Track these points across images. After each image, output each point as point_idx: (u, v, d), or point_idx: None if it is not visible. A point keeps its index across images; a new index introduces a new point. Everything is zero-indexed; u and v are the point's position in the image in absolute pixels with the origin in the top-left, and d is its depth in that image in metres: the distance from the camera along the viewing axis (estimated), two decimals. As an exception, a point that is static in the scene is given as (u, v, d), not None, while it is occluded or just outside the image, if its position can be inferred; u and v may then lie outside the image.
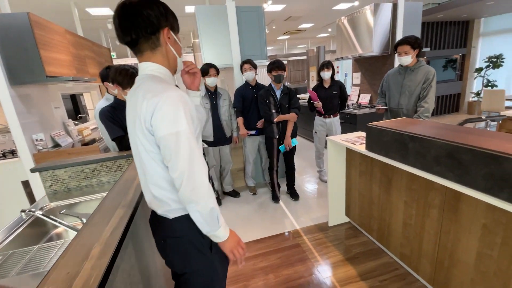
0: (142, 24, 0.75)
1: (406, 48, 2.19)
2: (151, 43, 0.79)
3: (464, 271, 1.34)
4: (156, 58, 0.82)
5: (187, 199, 0.78)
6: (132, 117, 0.81)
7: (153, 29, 0.77)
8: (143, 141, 0.79)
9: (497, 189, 0.99)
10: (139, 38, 0.77)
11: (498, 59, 5.65)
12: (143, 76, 0.82)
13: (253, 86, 2.83)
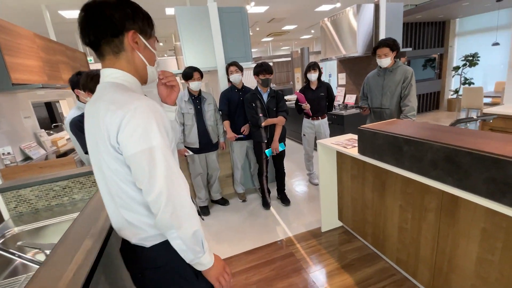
0: (102, 24, 0.67)
1: (386, 51, 2.22)
2: (114, 46, 0.70)
3: (464, 277, 1.30)
4: (120, 64, 0.72)
5: (166, 225, 0.67)
6: (93, 134, 0.70)
7: (114, 31, 0.68)
8: (109, 161, 0.68)
9: (500, 194, 0.94)
10: (99, 40, 0.68)
11: (474, 58, 5.87)
12: (104, 85, 0.71)
13: (240, 89, 2.74)
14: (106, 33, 0.67)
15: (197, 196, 2.82)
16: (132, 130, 0.63)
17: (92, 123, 0.70)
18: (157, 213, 0.66)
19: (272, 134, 2.57)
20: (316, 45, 11.10)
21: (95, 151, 0.71)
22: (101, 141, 0.67)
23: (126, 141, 0.64)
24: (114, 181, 0.70)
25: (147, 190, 0.66)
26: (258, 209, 2.80)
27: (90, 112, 0.71)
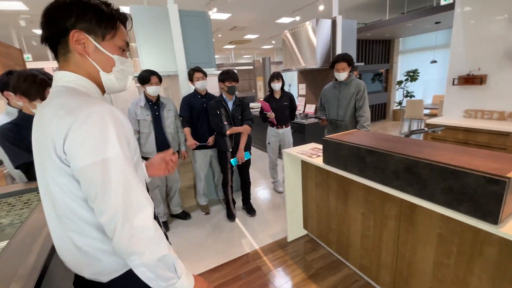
0: (47, 23, 0.61)
1: (344, 65, 2.36)
2: (61, 48, 0.63)
3: (423, 280, 1.36)
4: (69, 67, 0.65)
5: (125, 250, 0.57)
6: (38, 142, 0.62)
7: (56, 30, 0.61)
8: (55, 175, 0.59)
9: (456, 203, 1.00)
10: (47, 40, 0.63)
11: (414, 73, 6.62)
12: (55, 89, 0.64)
13: (203, 96, 2.61)
14: (50, 33, 0.62)
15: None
16: (82, 138, 0.55)
17: (38, 130, 0.61)
18: (113, 237, 0.57)
19: (237, 143, 2.49)
20: (276, 56, 11.44)
21: (40, 162, 0.62)
22: (46, 151, 0.58)
23: (75, 151, 0.55)
24: (61, 198, 0.60)
25: (100, 210, 0.57)
26: (222, 221, 2.67)
27: (37, 119, 0.63)
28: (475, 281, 1.11)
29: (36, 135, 0.63)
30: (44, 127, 0.58)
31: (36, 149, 0.64)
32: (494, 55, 2.72)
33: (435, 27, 5.65)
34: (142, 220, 0.58)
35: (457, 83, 3.04)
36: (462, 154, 1.09)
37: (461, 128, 2.75)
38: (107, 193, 0.55)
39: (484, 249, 1.06)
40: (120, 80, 0.71)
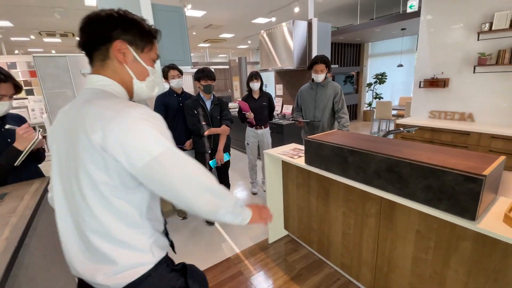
0: (91, 30, 0.67)
1: (322, 67, 2.40)
2: (100, 54, 0.68)
3: (402, 276, 1.41)
4: (105, 72, 0.69)
5: (214, 210, 0.69)
6: (71, 143, 0.63)
7: (100, 38, 0.67)
8: (91, 170, 0.60)
9: (436, 201, 1.04)
10: (87, 45, 0.68)
11: (383, 76, 7.00)
12: (94, 90, 0.68)
13: (179, 94, 2.49)
14: (93, 39, 0.67)
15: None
16: (138, 139, 0.59)
17: (70, 131, 0.63)
18: (199, 209, 0.67)
19: (216, 144, 2.41)
20: (252, 56, 11.44)
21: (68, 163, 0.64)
22: (86, 151, 0.60)
23: (135, 151, 0.59)
24: (94, 198, 0.62)
25: (178, 193, 0.64)
26: (201, 226, 2.57)
27: (69, 120, 0.65)
28: (451, 274, 1.17)
29: (63, 137, 0.65)
30: (83, 129, 0.59)
31: (63, 148, 0.65)
32: (455, 61, 2.95)
33: (401, 33, 6.02)
34: (211, 182, 0.68)
35: (423, 86, 3.25)
36: (439, 153, 1.14)
37: (428, 128, 2.93)
38: (182, 175, 0.63)
39: (460, 244, 1.11)
40: (149, 89, 0.77)
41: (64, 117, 0.68)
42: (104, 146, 0.58)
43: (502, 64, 2.53)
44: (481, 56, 2.64)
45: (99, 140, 0.58)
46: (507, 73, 2.58)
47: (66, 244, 0.69)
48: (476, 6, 2.66)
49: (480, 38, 2.67)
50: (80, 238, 0.65)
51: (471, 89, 2.87)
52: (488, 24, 2.54)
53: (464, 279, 1.12)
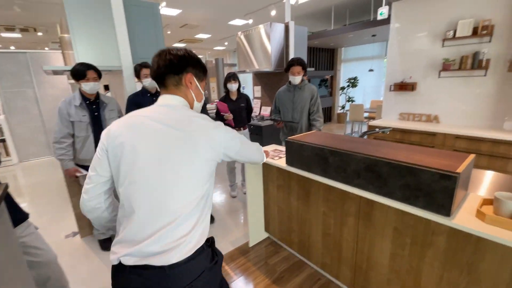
0: (173, 64, 0.88)
1: (299, 69, 2.42)
2: (174, 80, 0.90)
3: (380, 272, 1.44)
4: (178, 93, 0.91)
5: (260, 158, 1.27)
6: (168, 143, 0.81)
7: (178, 70, 0.89)
8: (200, 165, 0.83)
9: (413, 198, 1.07)
10: (165, 73, 0.88)
11: (355, 80, 7.31)
12: (180, 105, 0.91)
13: (153, 94, 2.37)
14: (172, 71, 0.88)
15: (94, 227, 2.24)
16: (230, 137, 0.93)
17: (183, 134, 0.82)
18: (256, 160, 1.23)
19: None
20: (229, 58, 11.37)
21: (166, 157, 0.80)
22: (189, 147, 0.81)
23: (232, 144, 0.93)
24: (184, 190, 0.80)
25: (255, 156, 1.19)
26: (177, 231, 2.46)
27: (181, 125, 0.84)
28: (427, 269, 1.21)
29: (174, 137, 0.81)
30: (199, 133, 0.84)
31: (159, 146, 0.80)
32: (422, 66, 3.14)
33: (371, 39, 6.33)
34: (259, 145, 1.27)
35: (393, 89, 3.42)
36: (415, 153, 1.18)
37: (398, 129, 3.09)
38: (251, 149, 1.12)
39: (434, 239, 1.16)
40: (200, 107, 1.01)
41: (175, 122, 0.84)
42: (212, 145, 0.85)
43: (464, 69, 2.74)
44: (445, 62, 2.84)
45: (213, 141, 0.86)
46: (468, 78, 2.80)
47: (149, 235, 0.77)
48: (441, 15, 2.86)
49: (444, 44, 2.87)
50: (170, 231, 0.78)
51: (437, 93, 3.08)
52: (452, 31, 2.74)
53: (439, 273, 1.17)
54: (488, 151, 2.46)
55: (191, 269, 0.80)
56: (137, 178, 0.79)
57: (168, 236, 0.77)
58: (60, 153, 1.94)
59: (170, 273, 0.76)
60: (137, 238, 0.77)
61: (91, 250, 2.22)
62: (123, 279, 0.79)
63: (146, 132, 0.81)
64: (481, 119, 2.81)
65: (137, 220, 0.78)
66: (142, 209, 0.78)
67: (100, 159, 0.83)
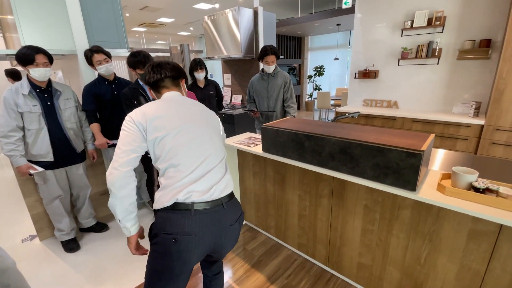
0: (177, 73, 1.16)
1: (273, 58, 2.41)
2: (176, 83, 1.17)
3: (353, 247, 1.55)
4: (178, 90, 1.17)
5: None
6: (205, 118, 1.12)
7: (180, 77, 1.18)
8: (219, 135, 1.16)
9: (383, 176, 1.15)
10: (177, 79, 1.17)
11: (321, 69, 7.52)
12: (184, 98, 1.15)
13: (112, 81, 2.18)
14: (177, 77, 1.16)
15: (56, 228, 2.05)
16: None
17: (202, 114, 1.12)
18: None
19: (163, 137, 2.21)
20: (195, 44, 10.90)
21: (206, 131, 1.08)
22: (214, 127, 1.14)
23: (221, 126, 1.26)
24: (221, 147, 1.12)
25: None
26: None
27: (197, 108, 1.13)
28: (394, 240, 1.33)
29: (199, 114, 1.10)
30: (209, 114, 1.16)
31: (203, 120, 1.09)
32: (382, 54, 3.33)
33: (336, 28, 6.52)
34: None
35: (357, 77, 3.59)
36: (383, 134, 1.26)
37: (363, 115, 3.27)
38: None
39: (400, 213, 1.27)
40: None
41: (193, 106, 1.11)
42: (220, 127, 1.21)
43: (420, 58, 2.96)
44: (403, 51, 3.04)
45: (218, 123, 1.21)
46: (423, 66, 3.04)
47: (220, 180, 1.04)
48: (400, 6, 3.03)
49: (403, 34, 3.06)
50: (226, 176, 1.08)
51: (396, 80, 3.30)
52: (410, 21, 2.93)
53: (405, 243, 1.28)
54: (440, 132, 2.73)
55: (237, 206, 1.08)
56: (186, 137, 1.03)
57: (217, 172, 1.03)
58: (9, 148, 1.72)
59: (226, 208, 1.00)
60: (191, 179, 0.96)
61: (53, 253, 2.04)
62: (189, 219, 0.92)
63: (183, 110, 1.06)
64: (434, 104, 3.10)
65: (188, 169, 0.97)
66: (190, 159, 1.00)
67: (136, 136, 0.98)
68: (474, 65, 2.74)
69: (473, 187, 1.04)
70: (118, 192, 0.93)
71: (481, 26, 2.62)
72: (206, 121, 1.08)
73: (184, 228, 0.92)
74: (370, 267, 1.48)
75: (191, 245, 0.93)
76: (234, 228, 1.05)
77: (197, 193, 0.95)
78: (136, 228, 1.02)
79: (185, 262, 0.94)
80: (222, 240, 1.02)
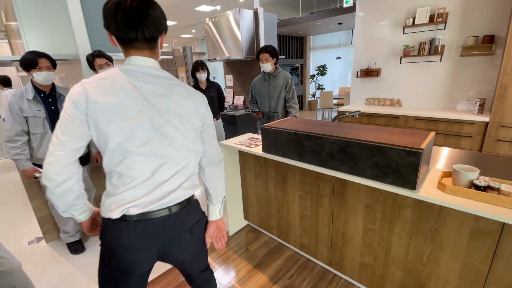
0: (156, 24, 0.78)
1: (266, 56, 2.41)
2: (154, 42, 0.81)
3: (354, 247, 1.54)
4: (153, 56, 0.83)
5: (221, 162, 1.05)
6: (175, 111, 0.82)
7: (160, 32, 0.81)
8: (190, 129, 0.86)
9: (383, 175, 1.14)
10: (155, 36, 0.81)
11: (324, 68, 7.50)
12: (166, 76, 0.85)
13: None
14: (155, 34, 0.79)
15: (62, 230, 2.08)
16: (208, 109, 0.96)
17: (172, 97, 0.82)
18: (220, 160, 1.04)
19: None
20: (198, 46, 10.97)
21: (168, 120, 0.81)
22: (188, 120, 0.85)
23: (208, 115, 0.94)
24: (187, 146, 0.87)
25: (214, 144, 0.99)
26: (154, 227, 2.38)
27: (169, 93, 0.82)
28: (395, 239, 1.32)
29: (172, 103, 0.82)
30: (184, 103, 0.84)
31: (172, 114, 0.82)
32: (384, 52, 3.31)
33: (338, 27, 6.50)
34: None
35: (360, 75, 3.57)
36: (383, 133, 1.25)
37: (365, 113, 3.25)
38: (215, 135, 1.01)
39: (402, 212, 1.26)
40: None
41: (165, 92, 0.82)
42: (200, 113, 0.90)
43: (422, 55, 2.93)
44: (405, 48, 3.02)
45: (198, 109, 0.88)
46: (426, 63, 3.01)
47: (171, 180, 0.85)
48: (401, 3, 3.01)
49: (405, 32, 3.04)
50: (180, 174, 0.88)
51: (398, 78, 3.28)
52: (411, 19, 2.90)
53: (407, 242, 1.27)
54: (444, 130, 2.70)
55: (193, 213, 0.93)
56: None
57: (172, 183, 0.85)
58: (15, 152, 1.76)
59: (174, 218, 0.86)
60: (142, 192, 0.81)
61: (59, 255, 2.07)
62: (126, 231, 0.81)
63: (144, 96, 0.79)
64: (437, 101, 3.06)
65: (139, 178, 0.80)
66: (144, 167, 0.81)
67: (75, 121, 0.74)
68: (478, 62, 2.70)
69: (474, 185, 1.02)
70: (55, 191, 0.76)
71: (484, 22, 2.59)
72: (175, 113, 0.81)
73: (121, 242, 0.81)
74: (372, 267, 1.47)
75: (130, 257, 0.84)
76: (185, 238, 0.91)
77: (139, 207, 0.80)
78: (86, 215, 0.88)
79: (126, 273, 0.85)
80: (173, 252, 0.91)
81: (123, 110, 0.75)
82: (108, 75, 0.77)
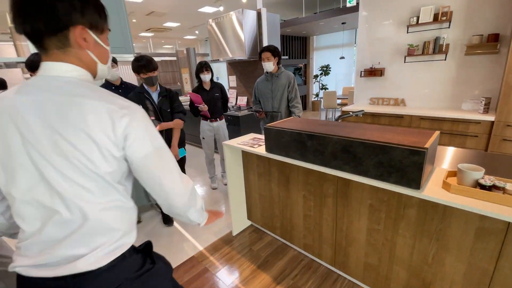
0: (43, 16, 0.56)
1: (268, 55, 2.41)
2: (57, 41, 0.60)
3: (359, 247, 1.53)
4: (69, 59, 0.62)
5: (186, 207, 0.77)
6: (53, 132, 0.58)
7: (57, 25, 0.58)
8: (98, 163, 0.60)
9: (386, 175, 1.14)
10: (39, 33, 0.58)
11: (327, 68, 7.47)
12: (69, 79, 0.62)
13: (118, 86, 2.23)
14: (47, 27, 0.57)
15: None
16: (142, 132, 0.64)
17: (60, 120, 0.58)
18: (179, 201, 0.74)
19: (169, 140, 2.25)
20: (201, 47, 11.03)
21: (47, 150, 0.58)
22: (75, 137, 0.58)
23: (138, 143, 0.64)
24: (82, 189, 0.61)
25: (167, 185, 0.70)
26: (158, 228, 2.40)
27: (52, 110, 0.58)
28: (400, 240, 1.31)
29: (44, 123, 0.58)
30: (83, 117, 0.57)
31: (44, 136, 0.58)
32: (388, 52, 3.29)
33: (341, 27, 6.47)
34: (190, 181, 0.80)
35: (363, 75, 3.56)
36: (386, 132, 1.24)
37: (369, 113, 3.23)
38: (170, 170, 0.71)
39: (406, 212, 1.25)
40: (109, 69, 0.73)
41: (45, 107, 0.58)
42: (110, 137, 0.60)
43: (427, 54, 2.91)
44: (410, 47, 3.00)
45: (108, 132, 0.59)
46: (430, 62, 2.98)
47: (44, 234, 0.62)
48: (405, 2, 2.99)
49: (409, 31, 3.02)
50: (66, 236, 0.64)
51: (403, 77, 3.25)
52: (415, 17, 2.88)
53: (411, 242, 1.26)
54: (449, 130, 2.67)
55: (104, 281, 0.64)
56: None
57: (70, 247, 0.63)
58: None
59: (71, 285, 0.61)
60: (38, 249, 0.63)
61: (66, 254, 2.10)
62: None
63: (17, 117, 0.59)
64: (442, 101, 3.03)
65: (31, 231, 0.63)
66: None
67: None
68: (483, 60, 2.67)
69: (479, 184, 1.01)
70: None
71: (489, 20, 2.56)
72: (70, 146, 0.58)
73: None
74: (376, 267, 1.46)
75: None
76: None
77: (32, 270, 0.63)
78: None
79: None
80: None
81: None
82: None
